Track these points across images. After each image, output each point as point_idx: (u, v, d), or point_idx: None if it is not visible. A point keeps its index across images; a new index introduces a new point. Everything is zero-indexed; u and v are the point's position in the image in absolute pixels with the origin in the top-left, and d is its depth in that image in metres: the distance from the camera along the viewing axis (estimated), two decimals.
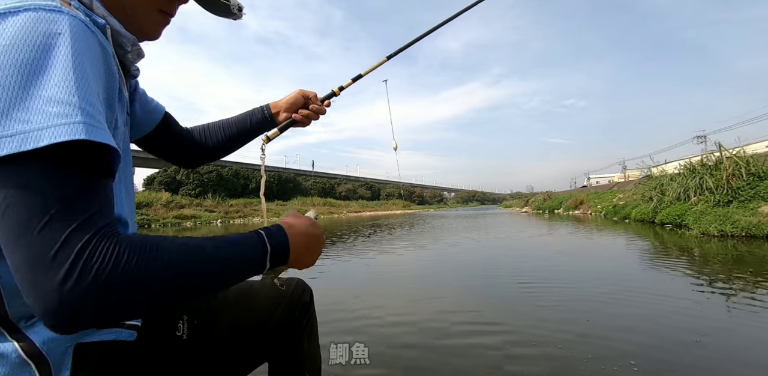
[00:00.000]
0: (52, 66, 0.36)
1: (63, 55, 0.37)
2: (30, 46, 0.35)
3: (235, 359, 0.69)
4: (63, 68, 0.36)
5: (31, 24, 0.36)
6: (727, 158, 7.19)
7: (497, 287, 2.85)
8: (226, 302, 0.71)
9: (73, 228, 0.34)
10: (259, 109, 0.86)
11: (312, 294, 0.84)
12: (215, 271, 0.43)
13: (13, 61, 0.35)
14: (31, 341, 0.44)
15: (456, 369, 1.46)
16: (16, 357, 0.44)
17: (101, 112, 0.39)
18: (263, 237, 0.49)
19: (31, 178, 0.34)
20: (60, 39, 0.37)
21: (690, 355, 1.52)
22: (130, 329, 0.54)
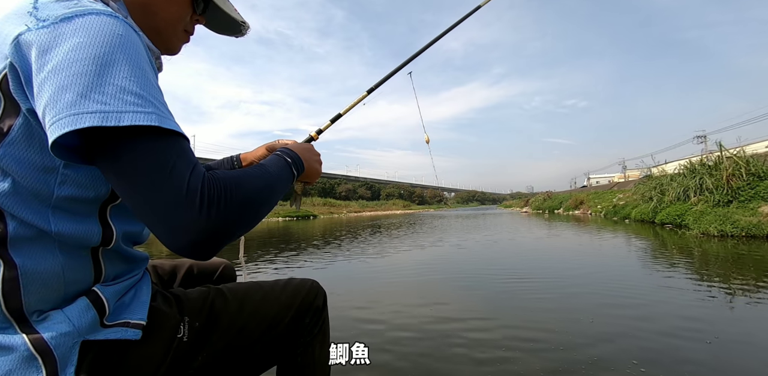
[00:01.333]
0: (121, 61, 0.42)
1: (128, 52, 0.43)
2: (101, 43, 0.41)
3: (240, 362, 0.68)
4: (130, 64, 0.42)
5: (98, 25, 0.42)
6: (727, 158, 7.20)
7: (498, 287, 2.85)
8: (232, 305, 0.69)
9: (191, 176, 0.42)
10: (229, 160, 0.92)
11: (326, 298, 0.81)
12: (276, 183, 0.56)
13: (89, 55, 0.40)
14: (40, 336, 0.46)
15: (456, 369, 1.45)
16: (24, 350, 0.45)
17: (166, 106, 0.46)
18: (283, 154, 0.63)
19: (146, 146, 0.42)
20: (122, 39, 0.43)
21: (697, 356, 1.52)
22: (135, 329, 0.54)
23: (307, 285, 0.79)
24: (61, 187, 0.46)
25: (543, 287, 2.78)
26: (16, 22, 0.43)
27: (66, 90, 0.39)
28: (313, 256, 4.65)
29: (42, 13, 0.42)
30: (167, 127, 0.42)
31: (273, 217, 25.12)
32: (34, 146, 0.44)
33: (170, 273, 0.83)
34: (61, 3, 0.44)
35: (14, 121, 0.43)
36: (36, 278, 0.46)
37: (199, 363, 0.62)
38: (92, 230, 0.50)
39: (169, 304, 0.63)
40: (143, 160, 0.41)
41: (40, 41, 0.41)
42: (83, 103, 0.39)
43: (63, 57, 0.40)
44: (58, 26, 0.41)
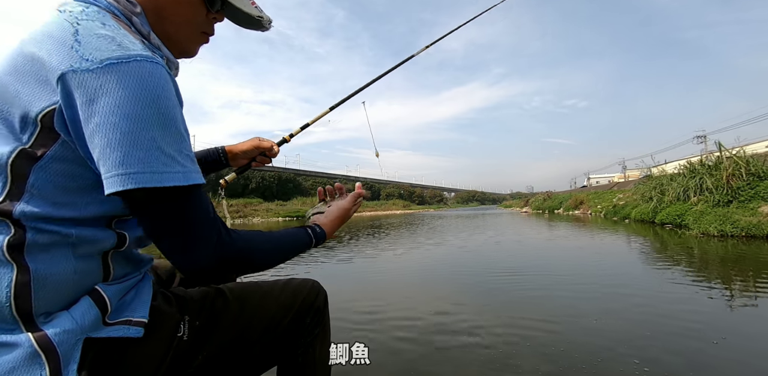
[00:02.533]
0: (159, 120, 0.46)
1: (164, 108, 0.47)
2: (143, 100, 0.45)
3: (241, 362, 0.68)
4: (166, 121, 0.47)
5: (140, 76, 0.45)
6: (727, 158, 7.19)
7: (499, 287, 2.85)
8: (232, 305, 0.69)
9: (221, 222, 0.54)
10: (214, 151, 0.95)
11: (326, 298, 0.81)
12: (286, 252, 0.65)
13: (132, 113, 0.44)
14: (44, 334, 0.47)
15: (456, 369, 1.45)
16: (28, 347, 0.46)
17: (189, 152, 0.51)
18: (312, 233, 0.70)
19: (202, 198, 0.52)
20: (161, 92, 0.47)
21: (702, 358, 1.51)
22: (137, 326, 0.55)
23: (308, 285, 0.79)
24: (87, 207, 0.51)
25: (544, 287, 2.78)
26: (57, 53, 0.45)
27: (114, 149, 0.44)
28: (313, 255, 4.64)
29: (86, 51, 0.45)
30: (189, 183, 0.49)
31: (273, 217, 25.12)
32: (65, 171, 0.48)
33: (169, 273, 0.84)
34: (103, 41, 0.46)
35: (49, 148, 0.47)
36: (48, 281, 0.48)
37: (199, 362, 0.62)
38: (108, 235, 0.53)
39: (169, 303, 0.63)
40: (166, 211, 0.49)
41: (86, 87, 0.44)
42: (130, 164, 0.44)
43: (109, 112, 0.44)
44: (104, 72, 0.44)
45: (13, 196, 0.47)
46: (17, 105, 0.46)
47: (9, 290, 0.46)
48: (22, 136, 0.47)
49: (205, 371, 0.63)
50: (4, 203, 0.46)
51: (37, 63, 0.46)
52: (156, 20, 0.58)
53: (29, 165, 0.47)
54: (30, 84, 0.46)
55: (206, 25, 0.64)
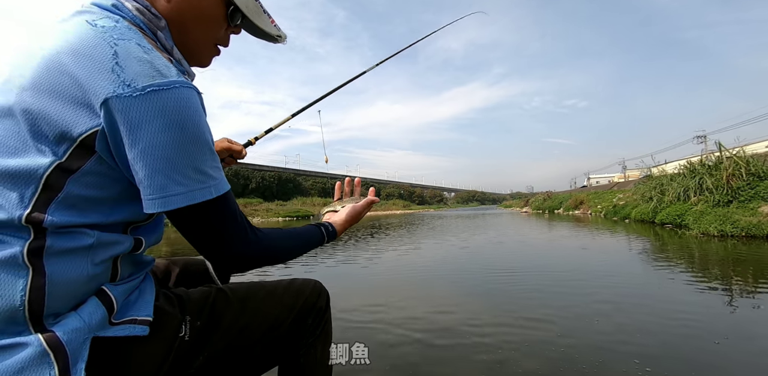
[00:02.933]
0: (195, 143, 0.51)
1: (199, 132, 0.51)
2: (181, 127, 0.49)
3: (242, 362, 0.68)
4: (201, 143, 0.51)
5: (179, 104, 0.49)
6: (727, 158, 7.20)
7: (500, 287, 2.85)
8: (234, 306, 0.69)
9: (247, 222, 0.60)
10: None
11: (329, 299, 0.81)
12: (302, 247, 0.71)
13: (173, 140, 0.48)
14: (53, 333, 0.48)
15: (457, 370, 1.45)
16: (38, 346, 0.46)
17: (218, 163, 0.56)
18: (324, 232, 0.77)
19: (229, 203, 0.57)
20: (195, 118, 0.51)
21: (704, 358, 1.51)
22: (143, 325, 0.56)
23: (310, 285, 0.79)
24: (111, 215, 0.53)
25: (545, 287, 2.78)
26: (98, 76, 0.46)
27: (157, 173, 0.48)
28: (313, 255, 4.65)
29: (128, 76, 0.47)
30: (219, 194, 0.54)
31: (273, 217, 25.11)
32: (96, 184, 0.51)
33: (164, 271, 0.85)
34: (143, 66, 0.48)
35: (84, 163, 0.49)
36: (61, 285, 0.49)
37: (200, 362, 0.63)
38: (125, 240, 0.56)
39: (171, 303, 0.64)
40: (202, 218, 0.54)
41: (130, 113, 0.46)
42: (170, 187, 0.49)
43: (153, 139, 0.47)
44: (146, 99, 0.47)
45: (41, 205, 0.48)
46: (54, 123, 0.47)
47: (24, 293, 0.47)
48: (57, 150, 0.48)
49: (207, 371, 0.64)
50: (33, 211, 0.48)
51: (76, 83, 0.47)
52: (178, 34, 0.60)
53: (65, 178, 0.49)
54: (68, 104, 0.47)
55: (223, 39, 0.66)
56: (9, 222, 0.47)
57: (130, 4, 0.56)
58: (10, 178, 0.48)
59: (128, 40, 0.49)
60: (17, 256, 0.47)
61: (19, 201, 0.48)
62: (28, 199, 0.48)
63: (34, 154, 0.48)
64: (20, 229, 0.48)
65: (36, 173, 0.48)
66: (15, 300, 0.46)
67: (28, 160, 0.48)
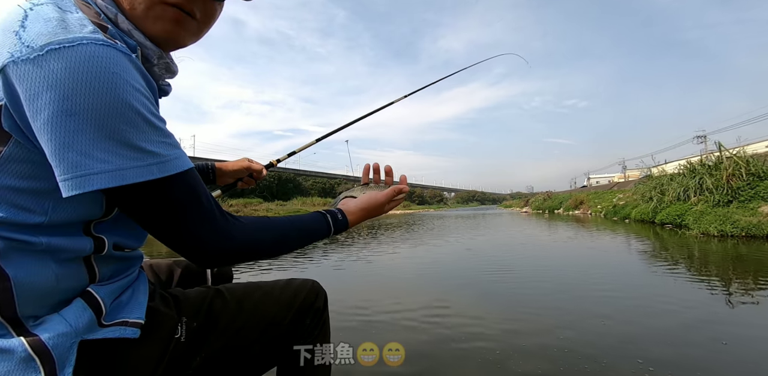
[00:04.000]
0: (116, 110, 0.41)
1: (121, 96, 0.41)
2: (92, 90, 0.40)
3: (239, 363, 0.68)
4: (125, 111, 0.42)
5: (87, 62, 0.40)
6: (727, 158, 7.20)
7: (501, 288, 2.85)
8: (231, 306, 0.68)
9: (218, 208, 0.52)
10: (204, 166, 0.95)
11: (326, 299, 0.80)
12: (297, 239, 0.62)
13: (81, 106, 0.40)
14: (37, 337, 0.45)
15: (458, 370, 1.45)
16: (22, 351, 0.44)
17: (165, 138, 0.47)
18: (329, 223, 0.67)
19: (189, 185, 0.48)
20: (114, 79, 0.41)
21: (710, 358, 1.52)
22: (134, 327, 0.54)
23: (308, 286, 0.78)
24: (53, 212, 0.46)
25: (547, 287, 2.78)
26: (2, 40, 0.41)
27: (67, 148, 0.40)
28: (313, 255, 4.64)
29: (29, 37, 0.40)
30: (169, 174, 0.45)
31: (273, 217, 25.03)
32: (24, 173, 0.44)
33: (167, 272, 0.84)
34: (48, 24, 0.41)
35: (3, 148, 0.43)
36: (29, 287, 0.46)
37: (197, 364, 0.62)
38: (83, 242, 0.50)
39: (167, 304, 0.63)
40: (151, 204, 0.46)
41: (28, 79, 0.39)
42: (87, 164, 0.40)
43: (56, 107, 0.39)
44: (45, 60, 0.39)
45: None
46: None
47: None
48: None
49: (204, 373, 0.63)
50: None
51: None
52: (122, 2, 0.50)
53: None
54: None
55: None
56: None
57: None
58: None
59: (47, 4, 0.43)
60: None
61: None
62: None
63: None
64: None
65: None
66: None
67: None
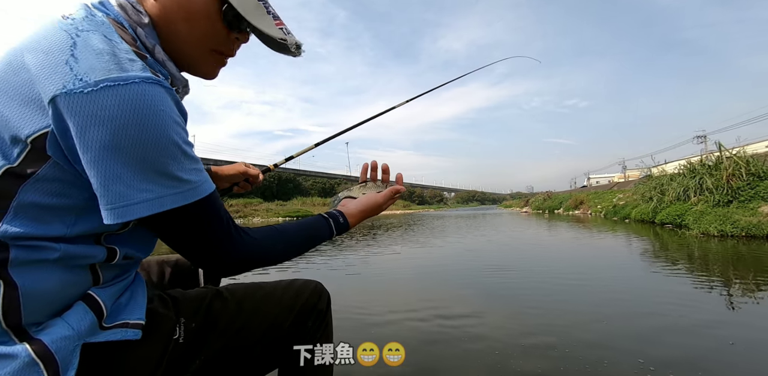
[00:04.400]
0: (160, 145, 0.45)
1: (165, 131, 0.46)
2: (141, 127, 0.43)
3: (240, 365, 0.67)
4: (167, 145, 0.46)
5: (138, 101, 0.43)
6: (727, 158, 7.20)
7: (502, 288, 2.85)
8: (230, 307, 0.68)
9: (233, 225, 0.56)
10: None
11: (329, 300, 0.79)
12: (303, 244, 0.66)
13: (131, 142, 0.43)
14: (41, 342, 0.46)
15: (458, 370, 1.45)
16: (26, 356, 0.44)
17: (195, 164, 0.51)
18: (331, 227, 0.70)
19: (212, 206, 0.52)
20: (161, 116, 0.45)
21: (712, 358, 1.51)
22: (135, 329, 0.54)
23: (311, 287, 0.77)
24: (74, 226, 0.48)
25: (547, 287, 2.78)
26: (50, 69, 0.42)
27: (114, 180, 0.44)
28: (313, 255, 4.64)
29: (82, 70, 0.42)
30: (199, 198, 0.50)
31: (273, 217, 25.10)
32: (54, 191, 0.46)
33: (159, 271, 0.83)
34: (101, 58, 0.43)
35: (39, 168, 0.45)
36: (36, 295, 0.46)
37: (197, 366, 0.61)
38: (96, 251, 0.51)
39: (165, 305, 0.62)
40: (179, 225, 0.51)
41: (80, 112, 0.41)
42: (131, 194, 0.45)
43: (106, 142, 0.42)
44: (99, 96, 0.41)
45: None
46: (8, 124, 0.44)
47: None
48: (9, 154, 0.44)
49: (204, 372, 0.62)
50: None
51: (27, 78, 0.43)
52: (168, 36, 0.55)
53: (16, 185, 0.45)
54: (21, 103, 0.43)
55: (223, 45, 0.59)
56: None
57: (114, 0, 0.53)
58: None
59: (93, 31, 0.44)
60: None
61: None
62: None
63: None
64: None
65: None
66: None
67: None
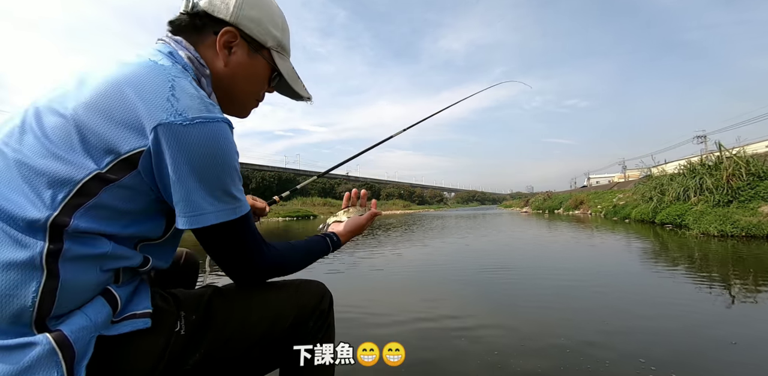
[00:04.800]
0: (227, 170, 0.58)
1: (232, 160, 0.59)
2: (220, 156, 0.57)
3: (239, 363, 0.67)
4: (231, 170, 0.60)
5: (219, 136, 0.57)
6: (727, 158, 7.20)
7: (503, 288, 2.85)
8: (229, 303, 0.69)
9: (262, 239, 0.67)
10: None
11: (332, 301, 0.79)
12: (310, 258, 0.79)
13: (210, 165, 0.56)
14: (61, 332, 0.49)
15: (459, 370, 1.45)
16: (46, 344, 0.48)
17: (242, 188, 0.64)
18: (330, 242, 0.85)
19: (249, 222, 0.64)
20: (231, 148, 0.59)
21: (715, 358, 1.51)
22: (144, 318, 0.58)
23: (313, 287, 0.77)
24: (128, 227, 0.57)
25: (548, 287, 2.78)
26: (154, 103, 0.53)
27: (193, 194, 0.55)
28: None
29: (181, 107, 0.54)
30: (242, 214, 0.61)
31: (273, 217, 25.09)
32: (125, 197, 0.55)
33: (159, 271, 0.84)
34: (194, 100, 0.56)
35: (123, 176, 0.54)
36: (71, 288, 0.51)
37: (197, 359, 0.62)
38: (135, 256, 0.59)
39: (166, 301, 0.65)
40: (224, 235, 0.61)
41: (177, 138, 0.53)
42: (203, 206, 0.56)
43: (191, 165, 0.54)
44: (193, 128, 0.54)
45: (68, 209, 0.51)
46: (103, 138, 0.52)
47: (36, 295, 0.48)
48: (100, 162, 0.52)
49: (203, 372, 0.63)
50: (60, 215, 0.50)
51: (131, 108, 0.53)
52: (228, 86, 0.72)
53: (99, 187, 0.52)
54: (119, 124, 0.52)
55: (262, 95, 0.80)
56: (34, 222, 0.49)
57: (183, 53, 0.65)
58: (48, 181, 0.51)
59: (183, 78, 0.58)
60: (35, 258, 0.48)
61: (51, 203, 0.50)
62: (58, 202, 0.51)
63: (78, 162, 0.52)
64: (42, 231, 0.49)
65: (74, 179, 0.51)
66: (26, 301, 0.48)
67: (70, 166, 0.51)
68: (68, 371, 0.48)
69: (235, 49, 0.69)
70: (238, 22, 0.68)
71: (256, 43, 0.71)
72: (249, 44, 0.70)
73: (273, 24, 0.72)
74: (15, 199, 0.50)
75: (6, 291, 0.47)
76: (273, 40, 0.73)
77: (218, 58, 0.68)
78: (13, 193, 0.50)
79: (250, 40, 0.70)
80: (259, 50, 0.72)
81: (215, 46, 0.68)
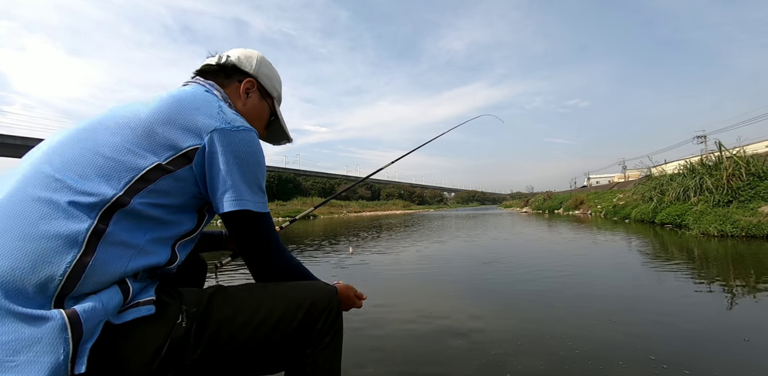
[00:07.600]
0: (259, 168, 0.75)
1: (262, 160, 0.76)
2: (254, 155, 0.73)
3: (242, 363, 0.67)
4: (262, 169, 0.76)
5: (253, 140, 0.74)
6: (727, 158, 7.20)
7: (506, 287, 2.84)
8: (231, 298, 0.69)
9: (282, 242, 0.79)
10: (219, 234, 1.12)
11: (340, 302, 0.79)
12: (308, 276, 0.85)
13: (250, 163, 0.72)
14: (74, 310, 0.52)
15: (460, 370, 1.45)
16: (59, 319, 0.50)
17: None
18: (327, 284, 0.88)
19: (271, 218, 0.77)
20: (260, 150, 0.76)
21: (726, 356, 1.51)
22: (147, 305, 0.62)
23: (320, 287, 0.77)
24: (172, 214, 0.68)
25: (551, 286, 2.78)
26: (209, 116, 0.70)
27: (238, 182, 0.70)
28: (315, 255, 4.65)
29: (228, 118, 0.71)
30: (266, 211, 0.75)
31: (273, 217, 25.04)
32: (175, 189, 0.67)
33: None
34: (234, 115, 0.74)
35: (179, 169, 0.66)
36: (99, 271, 0.56)
37: (197, 356, 0.62)
38: (165, 253, 0.67)
39: (171, 297, 0.66)
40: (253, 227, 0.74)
41: (224, 140, 0.69)
42: (244, 193, 0.70)
43: (236, 161, 0.70)
44: (237, 132, 0.71)
45: (131, 192, 0.61)
46: (166, 138, 0.66)
47: (69, 266, 0.53)
48: (161, 155, 0.65)
49: (206, 369, 0.63)
50: (124, 195, 0.60)
51: (191, 116, 0.68)
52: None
53: (158, 176, 0.64)
54: (179, 128, 0.67)
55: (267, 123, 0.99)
56: (100, 199, 0.58)
57: (217, 92, 0.83)
58: (118, 167, 0.62)
59: (223, 102, 0.79)
60: (81, 233, 0.55)
61: (117, 184, 0.60)
62: (123, 184, 0.61)
63: (143, 155, 0.64)
64: (98, 209, 0.58)
65: (139, 167, 0.63)
66: (59, 270, 0.52)
67: (137, 157, 0.63)
68: (74, 350, 0.50)
69: (251, 94, 0.90)
70: (257, 75, 0.90)
71: (266, 92, 0.93)
72: (260, 92, 0.92)
73: (277, 81, 0.97)
74: (90, 177, 0.59)
75: (45, 258, 0.52)
76: (276, 92, 0.96)
77: (239, 100, 0.88)
78: (88, 172, 0.60)
79: (262, 89, 0.92)
80: (266, 98, 0.94)
81: (238, 90, 0.88)
